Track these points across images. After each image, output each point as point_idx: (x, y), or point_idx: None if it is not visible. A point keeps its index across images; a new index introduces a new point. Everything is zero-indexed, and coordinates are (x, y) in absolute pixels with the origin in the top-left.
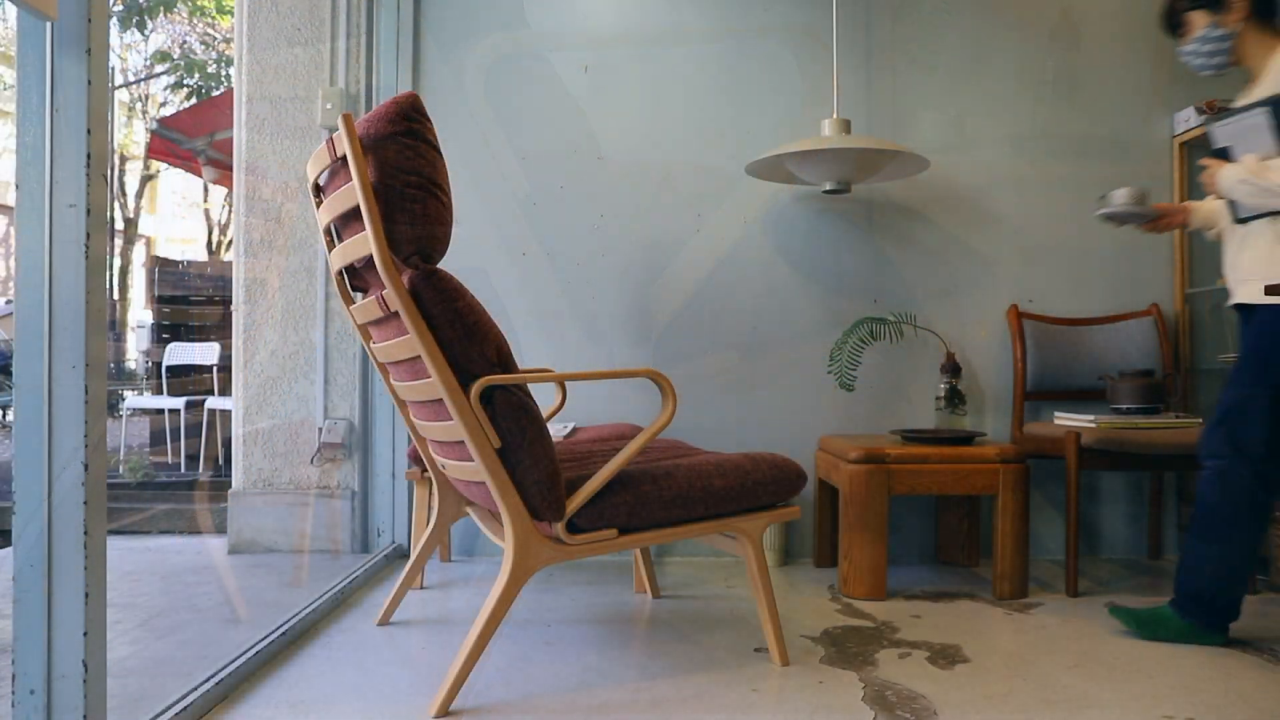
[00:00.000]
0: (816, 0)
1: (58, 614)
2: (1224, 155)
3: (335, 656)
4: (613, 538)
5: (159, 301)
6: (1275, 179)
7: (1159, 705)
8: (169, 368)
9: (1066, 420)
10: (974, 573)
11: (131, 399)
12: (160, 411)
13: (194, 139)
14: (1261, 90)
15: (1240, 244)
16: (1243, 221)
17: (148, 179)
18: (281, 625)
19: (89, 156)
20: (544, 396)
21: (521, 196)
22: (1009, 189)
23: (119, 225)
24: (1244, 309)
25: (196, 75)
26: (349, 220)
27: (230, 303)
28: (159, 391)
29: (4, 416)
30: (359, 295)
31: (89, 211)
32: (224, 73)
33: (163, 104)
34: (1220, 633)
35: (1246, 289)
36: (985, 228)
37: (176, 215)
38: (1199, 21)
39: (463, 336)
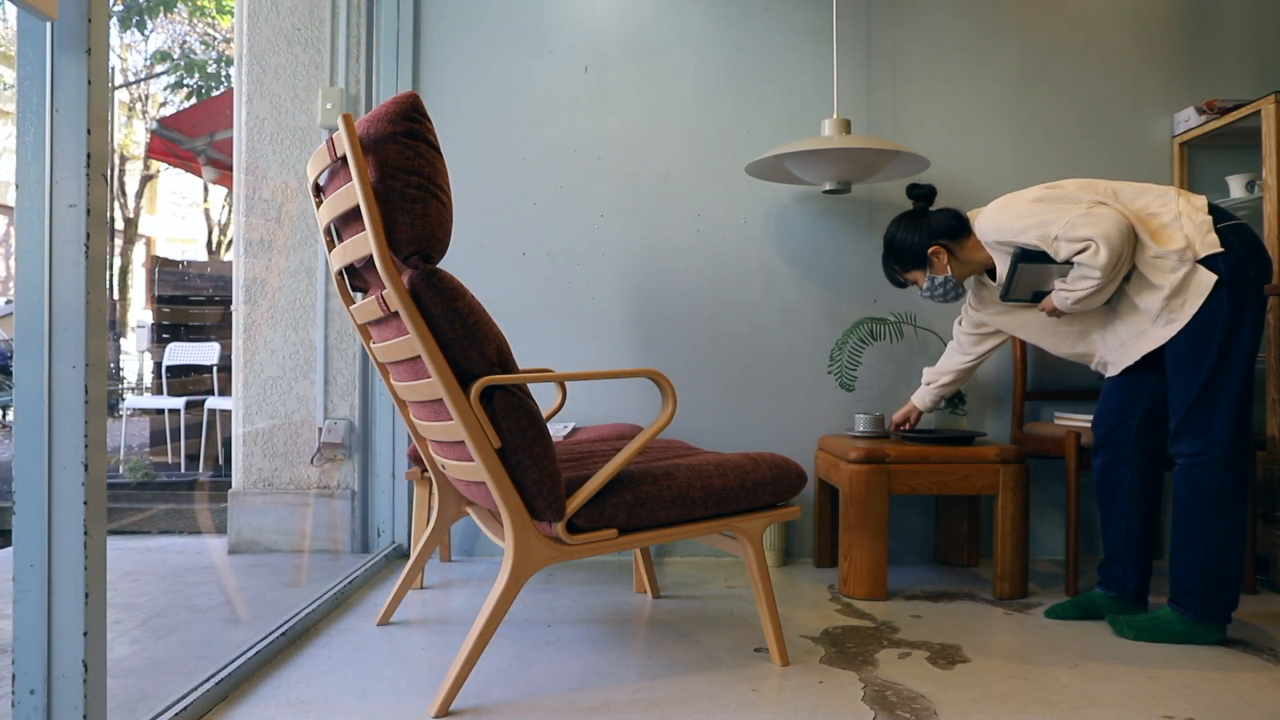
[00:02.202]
0: (816, 0)
1: (58, 614)
2: (1040, 297)
3: (335, 656)
4: (613, 538)
5: (159, 301)
6: (1081, 289)
7: (1159, 705)
8: (169, 368)
9: (1066, 420)
10: (974, 573)
11: (131, 399)
12: (160, 411)
13: (194, 139)
14: (1000, 265)
15: (1116, 307)
16: (1107, 303)
17: (148, 179)
18: (281, 625)
19: (89, 156)
20: (544, 396)
21: (521, 196)
22: (1009, 189)
23: (119, 225)
24: (1148, 356)
25: (196, 75)
26: (349, 220)
27: (230, 303)
28: (159, 391)
29: (4, 416)
30: (359, 295)
31: (89, 211)
32: (224, 73)
33: (163, 104)
34: (1220, 626)
35: (1143, 341)
36: None
37: (176, 215)
38: (920, 277)
39: (463, 336)
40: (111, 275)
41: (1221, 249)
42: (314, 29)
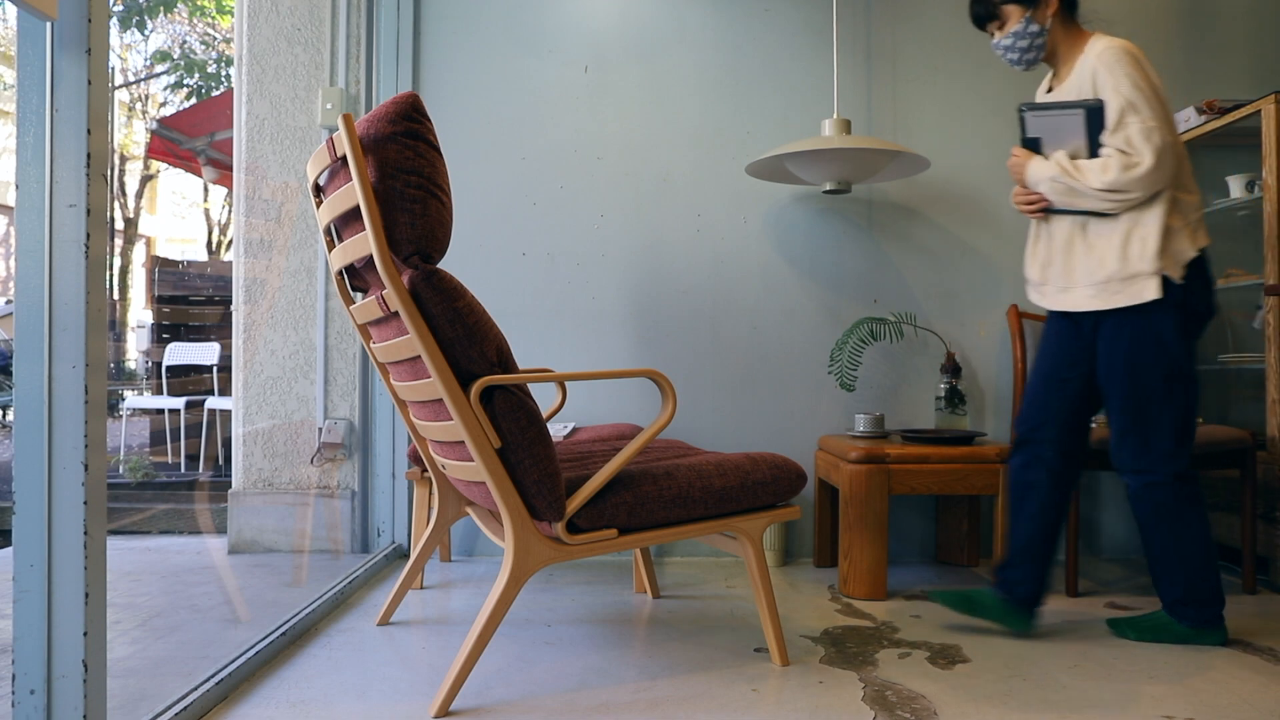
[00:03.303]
0: (816, 0)
1: (58, 614)
2: (1033, 146)
3: (335, 656)
4: (613, 538)
5: (159, 301)
6: (1088, 181)
7: (1159, 705)
8: (169, 368)
9: None
10: (974, 573)
11: (131, 399)
12: (160, 411)
13: (194, 139)
14: (1070, 88)
15: (1069, 245)
16: (1071, 214)
17: (148, 179)
18: (281, 625)
19: (89, 156)
20: (544, 396)
21: (521, 196)
22: (1009, 189)
23: (119, 225)
24: (1083, 315)
25: (196, 75)
26: (349, 220)
27: (230, 303)
28: (159, 391)
29: (4, 416)
30: (359, 295)
31: (89, 211)
32: (224, 73)
33: (163, 104)
34: (1219, 628)
35: (1064, 297)
36: (985, 228)
37: (176, 215)
38: (1014, 16)
39: (463, 336)
40: (111, 275)
41: (1180, 282)
42: (314, 29)
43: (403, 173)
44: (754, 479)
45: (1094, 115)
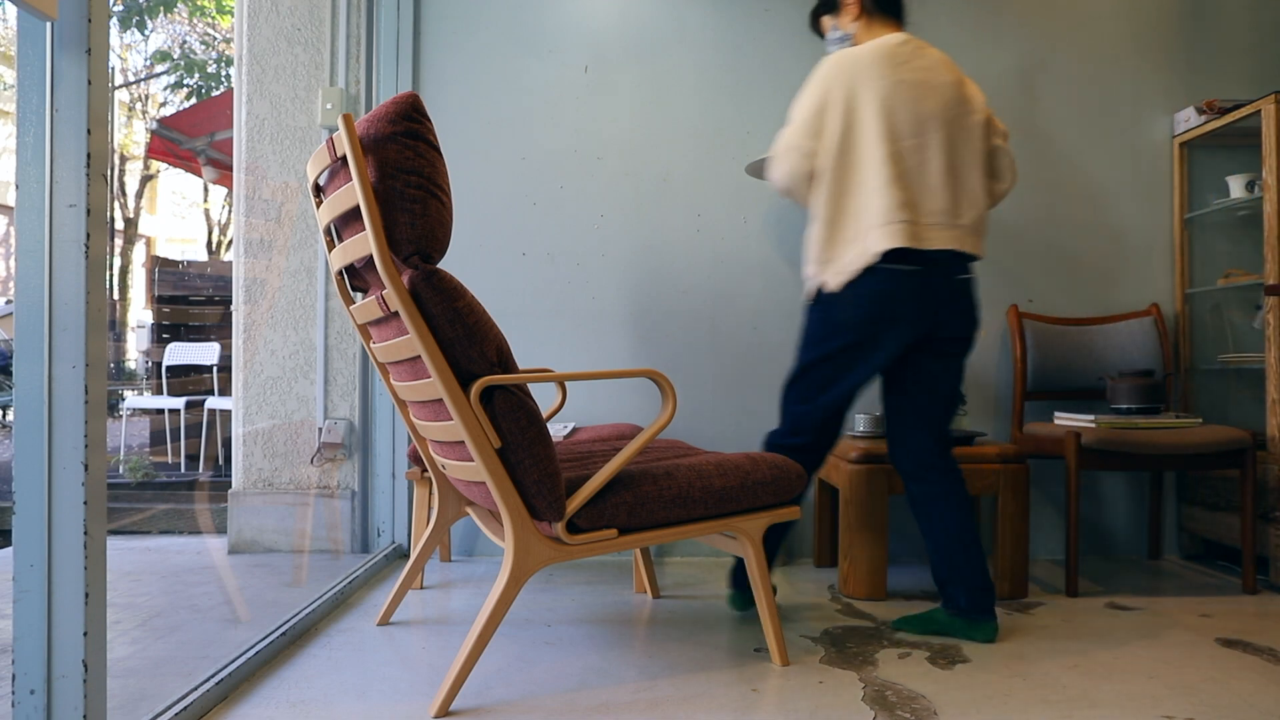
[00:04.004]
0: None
1: (58, 614)
2: None
3: (335, 656)
4: (613, 538)
5: (159, 301)
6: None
7: (1159, 705)
8: (169, 368)
9: (1066, 420)
10: None
11: (131, 399)
12: (160, 411)
13: (194, 139)
14: None
15: None
16: None
17: (148, 179)
18: (281, 625)
19: (89, 156)
20: (544, 396)
21: (521, 196)
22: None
23: (119, 225)
24: None
25: (196, 75)
26: (349, 220)
27: (230, 303)
28: (159, 391)
29: (4, 416)
30: (359, 295)
31: (89, 211)
32: (224, 73)
33: (163, 104)
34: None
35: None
36: None
37: (176, 215)
38: (827, 24)
39: (463, 336)
40: (111, 275)
41: (832, 291)
42: (314, 29)
43: (403, 173)
44: (754, 479)
45: None
